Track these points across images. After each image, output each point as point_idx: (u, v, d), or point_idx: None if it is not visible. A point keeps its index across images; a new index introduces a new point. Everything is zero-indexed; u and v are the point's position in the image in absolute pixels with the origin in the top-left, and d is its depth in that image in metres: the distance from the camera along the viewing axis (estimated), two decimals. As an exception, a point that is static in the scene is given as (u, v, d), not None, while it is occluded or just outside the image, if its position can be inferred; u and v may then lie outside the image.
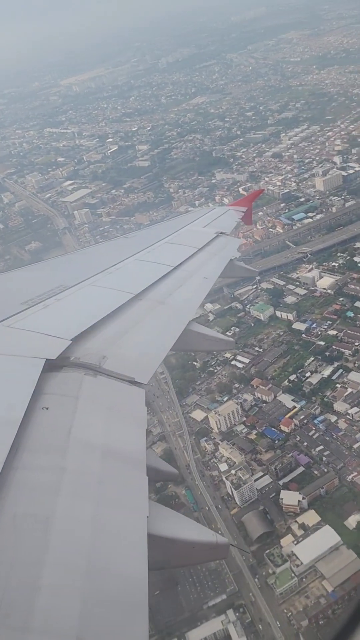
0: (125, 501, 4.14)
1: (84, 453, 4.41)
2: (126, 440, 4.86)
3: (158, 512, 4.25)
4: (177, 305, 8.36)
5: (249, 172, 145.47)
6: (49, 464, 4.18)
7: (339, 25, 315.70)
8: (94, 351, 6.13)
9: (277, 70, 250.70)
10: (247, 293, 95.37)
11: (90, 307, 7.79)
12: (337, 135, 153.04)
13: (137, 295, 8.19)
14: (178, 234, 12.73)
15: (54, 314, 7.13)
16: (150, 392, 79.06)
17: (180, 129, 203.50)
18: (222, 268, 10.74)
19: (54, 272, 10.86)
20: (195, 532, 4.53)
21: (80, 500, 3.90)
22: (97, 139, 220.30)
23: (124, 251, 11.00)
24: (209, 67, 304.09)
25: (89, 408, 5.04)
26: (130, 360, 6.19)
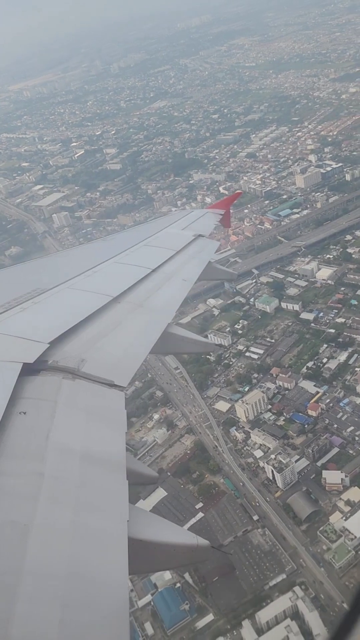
0: (105, 506, 4.11)
1: (63, 458, 4.38)
2: (106, 443, 4.83)
3: (138, 515, 4.25)
4: (156, 307, 8.33)
5: (226, 172, 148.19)
6: (27, 470, 4.14)
7: (287, 31, 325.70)
8: (72, 354, 6.08)
9: (234, 75, 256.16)
10: (247, 287, 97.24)
11: (68, 310, 7.74)
12: (307, 136, 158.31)
13: (115, 298, 8.13)
14: (156, 237, 12.67)
15: (31, 317, 7.10)
16: (170, 387, 79.58)
17: (147, 132, 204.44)
18: (200, 270, 10.80)
19: (31, 275, 10.71)
20: (176, 535, 4.50)
21: (59, 505, 3.87)
22: (59, 143, 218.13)
23: (102, 254, 11.02)
24: (164, 72, 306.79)
25: (68, 412, 5.00)
26: (109, 363, 6.17)
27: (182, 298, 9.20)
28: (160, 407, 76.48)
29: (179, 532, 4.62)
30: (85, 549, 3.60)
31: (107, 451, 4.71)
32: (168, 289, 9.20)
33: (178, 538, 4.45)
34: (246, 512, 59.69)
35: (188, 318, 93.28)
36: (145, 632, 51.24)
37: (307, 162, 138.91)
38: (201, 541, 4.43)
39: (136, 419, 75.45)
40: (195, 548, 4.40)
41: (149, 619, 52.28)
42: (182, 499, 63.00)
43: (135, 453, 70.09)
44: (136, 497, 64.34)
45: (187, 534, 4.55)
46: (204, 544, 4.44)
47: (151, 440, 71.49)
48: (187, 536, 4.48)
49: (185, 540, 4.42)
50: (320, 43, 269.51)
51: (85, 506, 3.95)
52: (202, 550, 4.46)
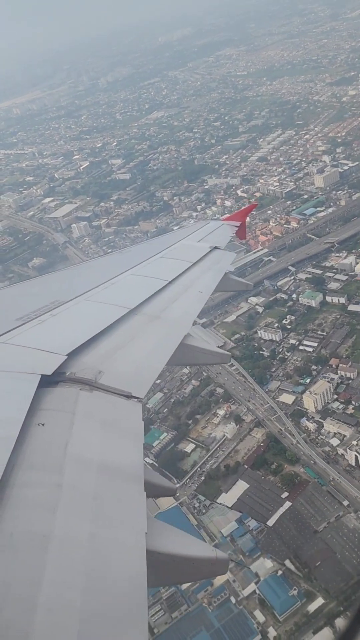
0: (123, 517, 4.12)
1: (81, 469, 4.41)
2: (123, 455, 4.86)
3: (157, 528, 4.26)
4: (173, 319, 8.38)
5: (240, 176, 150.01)
6: (45, 481, 4.19)
7: (273, 40, 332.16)
8: (89, 366, 6.16)
9: (228, 84, 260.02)
10: (287, 284, 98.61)
11: (85, 322, 7.84)
12: (316, 138, 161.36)
13: (132, 310, 8.22)
14: (172, 249, 12.82)
15: (49, 330, 7.22)
16: (228, 384, 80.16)
17: (149, 142, 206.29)
18: (217, 282, 10.90)
19: (49, 287, 10.94)
20: (195, 548, 4.47)
21: (78, 517, 3.90)
22: (61, 157, 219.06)
23: (119, 266, 11.13)
24: (154, 84, 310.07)
25: (86, 423, 5.05)
26: (126, 375, 6.23)
27: (198, 310, 9.19)
28: (222, 403, 76.96)
29: (198, 545, 4.55)
30: (104, 561, 3.60)
31: (124, 463, 4.73)
32: (185, 301, 9.21)
33: (197, 551, 4.40)
34: (335, 499, 60.34)
35: (233, 317, 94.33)
36: (256, 620, 51.44)
37: (322, 163, 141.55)
38: (220, 554, 4.40)
39: (200, 417, 75.94)
40: (214, 561, 4.36)
41: (257, 607, 52.46)
42: (266, 490, 63.45)
43: (207, 449, 70.56)
44: (217, 490, 64.89)
45: (205, 547, 4.57)
46: (222, 557, 4.40)
47: (220, 436, 71.91)
48: (206, 549, 4.47)
49: (204, 554, 4.38)
50: (309, 50, 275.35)
51: (103, 518, 3.97)
52: (220, 564, 4.39)
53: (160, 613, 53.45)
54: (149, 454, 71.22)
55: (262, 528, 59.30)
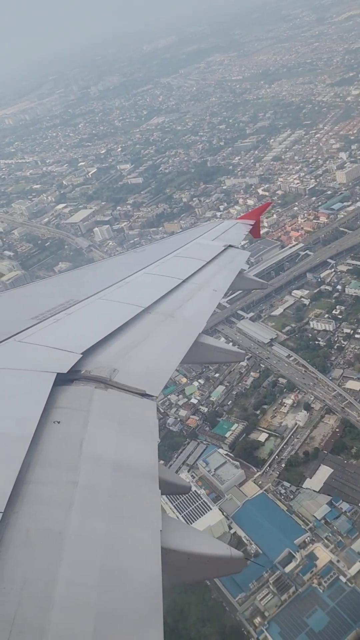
0: (138, 515, 4.15)
1: (96, 467, 4.47)
2: (138, 453, 4.90)
3: (171, 526, 4.30)
4: (187, 317, 8.44)
5: (258, 176, 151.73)
6: (61, 479, 4.25)
7: (262, 45, 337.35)
8: (104, 364, 6.24)
9: (225, 88, 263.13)
10: (329, 276, 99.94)
11: (100, 320, 7.93)
12: (328, 136, 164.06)
13: (146, 309, 8.29)
14: (187, 248, 12.91)
15: (64, 328, 7.32)
16: (289, 374, 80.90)
17: (155, 146, 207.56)
18: (231, 280, 10.98)
19: (64, 286, 11.08)
20: (210, 546, 4.50)
21: (93, 514, 3.95)
22: (66, 164, 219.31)
23: (133, 265, 11.25)
24: (148, 91, 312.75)
25: (100, 421, 5.12)
26: (140, 373, 6.29)
27: (212, 308, 9.29)
28: (287, 392, 77.67)
29: (213, 543, 4.57)
30: (119, 558, 3.65)
31: (139, 461, 4.77)
32: (199, 299, 9.27)
33: (212, 549, 4.43)
34: None
35: (280, 310, 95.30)
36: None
37: (340, 160, 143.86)
38: (235, 552, 4.42)
39: (267, 407, 76.47)
40: (229, 559, 4.39)
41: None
42: (352, 473, 64.19)
43: (282, 437, 71.11)
44: (301, 476, 65.43)
45: (220, 545, 4.55)
46: (237, 555, 4.42)
47: (292, 424, 72.53)
48: (221, 547, 4.48)
49: (219, 552, 4.41)
50: (302, 54, 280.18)
51: (118, 515, 4.02)
52: (235, 562, 4.43)
53: (270, 596, 53.69)
54: (222, 444, 71.72)
55: (355, 509, 59.95)
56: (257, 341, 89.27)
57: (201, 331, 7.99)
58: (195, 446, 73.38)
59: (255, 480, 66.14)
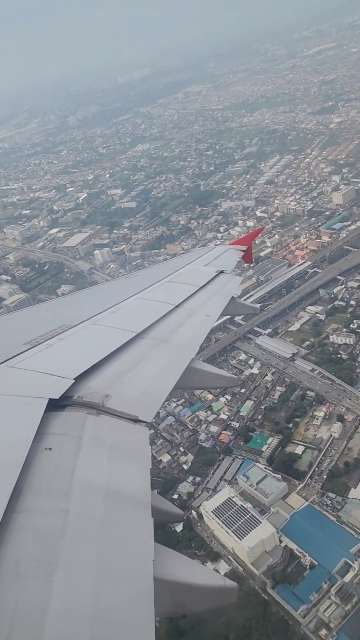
0: (131, 544, 4.06)
1: (88, 495, 4.39)
2: (131, 480, 4.81)
3: (164, 555, 4.20)
4: (180, 343, 8.47)
5: (254, 198, 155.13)
6: (52, 507, 4.19)
7: (238, 77, 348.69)
8: (97, 390, 6.22)
9: (206, 117, 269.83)
10: (340, 292, 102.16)
11: (93, 346, 7.92)
12: (317, 161, 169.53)
13: (139, 334, 8.32)
14: (179, 273, 13.03)
15: (56, 354, 7.31)
16: (316, 387, 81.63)
17: (144, 172, 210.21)
18: (223, 305, 11.06)
19: (57, 312, 11.09)
20: (204, 576, 4.44)
21: (85, 544, 3.89)
22: (53, 190, 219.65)
23: (126, 290, 11.37)
24: (129, 120, 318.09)
25: (93, 448, 5.06)
26: (133, 399, 6.26)
27: (205, 333, 9.31)
28: (317, 405, 78.28)
29: (206, 573, 4.54)
30: (110, 589, 3.57)
31: (132, 488, 4.68)
32: (191, 325, 9.35)
33: (205, 579, 4.37)
34: None
35: (297, 325, 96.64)
36: None
37: (333, 182, 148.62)
38: (229, 583, 4.33)
39: (299, 420, 76.80)
40: (223, 590, 4.30)
41: None
42: None
43: (319, 449, 71.33)
44: (345, 486, 65.57)
45: (214, 575, 4.47)
46: (231, 585, 4.32)
47: (327, 436, 72.94)
48: (215, 577, 4.40)
49: (212, 582, 4.34)
50: (278, 85, 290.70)
51: (110, 545, 3.94)
52: (229, 592, 4.33)
53: (333, 607, 53.10)
54: (259, 459, 71.48)
55: None
56: (278, 356, 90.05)
57: (194, 356, 8.05)
58: (231, 461, 72.87)
59: (298, 492, 65.94)
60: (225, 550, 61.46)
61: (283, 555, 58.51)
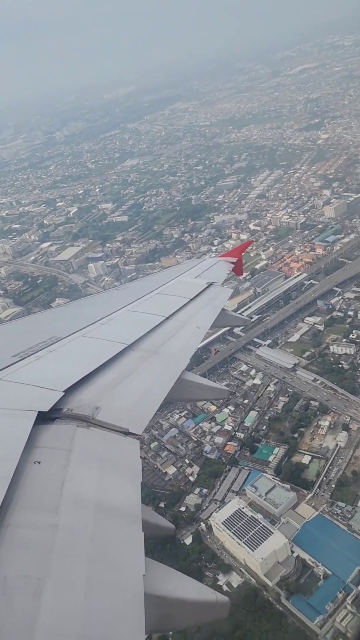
0: (121, 559, 3.97)
1: (77, 509, 4.32)
2: (121, 494, 4.78)
3: (155, 570, 4.16)
4: (170, 354, 8.47)
5: (246, 212, 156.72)
6: (41, 522, 4.10)
7: (223, 95, 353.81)
8: (87, 402, 6.17)
9: (194, 133, 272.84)
10: (338, 303, 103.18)
11: (83, 358, 7.84)
12: (307, 176, 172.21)
13: (130, 346, 8.31)
14: (170, 285, 13.08)
15: (46, 366, 7.26)
16: (319, 397, 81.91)
17: (134, 187, 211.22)
18: (214, 317, 11.10)
19: (46, 324, 11.03)
20: (195, 591, 4.34)
21: (74, 559, 3.80)
22: (43, 204, 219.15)
23: (116, 302, 11.32)
24: (116, 135, 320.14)
25: (83, 461, 5.02)
26: (124, 411, 6.21)
27: (196, 345, 9.33)
28: (321, 415, 78.50)
29: (197, 588, 4.42)
30: (100, 605, 3.50)
31: (122, 502, 4.65)
32: (182, 336, 9.38)
33: (196, 594, 4.31)
34: None
35: (296, 336, 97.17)
36: None
37: (324, 196, 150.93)
38: (220, 597, 4.30)
39: (304, 429, 76.89)
40: (214, 605, 4.27)
41: None
42: None
43: (325, 458, 71.37)
44: (354, 495, 65.59)
45: (205, 590, 4.40)
46: (222, 600, 4.30)
47: (334, 445, 73.08)
48: (206, 592, 4.35)
49: (203, 597, 4.30)
50: (264, 102, 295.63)
51: (100, 560, 3.88)
52: (221, 607, 4.30)
53: (350, 616, 52.70)
54: (266, 469, 71.23)
55: None
56: (279, 367, 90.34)
57: (184, 368, 8.06)
58: (237, 472, 72.50)
59: (307, 502, 65.74)
60: (236, 562, 60.80)
61: (296, 566, 58.13)
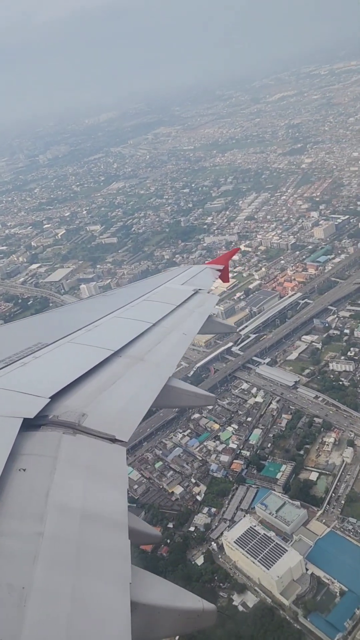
0: (107, 567, 3.94)
1: (63, 517, 4.28)
2: (107, 502, 4.72)
3: (141, 578, 4.12)
4: (157, 361, 8.47)
5: (236, 233, 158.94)
6: (26, 530, 4.06)
7: (205, 120, 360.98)
8: (73, 409, 6.13)
9: (179, 157, 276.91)
10: (334, 322, 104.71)
11: (69, 364, 7.84)
12: (294, 198, 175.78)
13: (116, 352, 8.29)
14: (156, 292, 13.08)
15: (32, 372, 7.20)
16: (321, 414, 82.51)
17: (122, 209, 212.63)
18: (201, 324, 11.12)
19: (32, 330, 10.97)
20: (181, 599, 4.29)
21: (59, 567, 3.76)
22: (29, 226, 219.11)
23: (102, 309, 11.30)
24: (100, 159, 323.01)
25: (68, 469, 4.95)
26: (110, 418, 6.18)
27: (182, 352, 9.36)
28: (325, 431, 79.01)
29: (184, 596, 4.39)
30: (85, 614, 3.47)
31: (108, 510, 4.62)
32: (169, 343, 9.41)
33: (183, 602, 4.29)
34: None
35: (295, 354, 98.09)
36: None
37: (312, 218, 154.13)
38: (207, 605, 4.31)
39: (309, 446, 77.22)
40: (201, 612, 4.27)
41: None
42: None
43: (333, 475, 71.65)
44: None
45: (192, 598, 4.38)
46: (209, 608, 4.31)
47: (340, 462, 73.49)
48: (193, 600, 4.33)
49: (190, 605, 4.27)
50: (246, 127, 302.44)
51: (85, 568, 3.84)
52: (207, 615, 4.30)
53: (371, 633, 52.56)
54: (274, 486, 71.11)
55: None
56: (280, 384, 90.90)
57: (171, 375, 8.10)
58: (245, 491, 72.20)
59: (318, 518, 65.72)
60: (250, 582, 60.24)
61: (311, 583, 57.87)
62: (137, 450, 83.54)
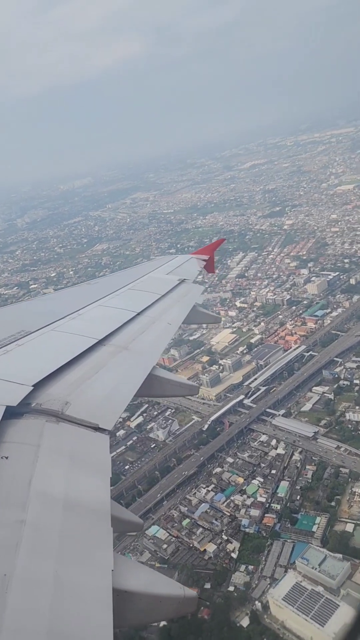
0: (89, 555, 3.98)
1: (45, 505, 4.30)
2: (90, 490, 4.75)
3: (123, 565, 4.16)
4: (141, 350, 8.45)
5: (229, 291, 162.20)
6: (7, 518, 4.06)
7: (181, 186, 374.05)
8: (56, 397, 6.12)
9: (160, 220, 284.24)
10: (341, 372, 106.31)
11: (52, 352, 7.80)
12: (281, 257, 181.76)
13: (100, 341, 8.26)
14: (141, 281, 13.13)
15: (14, 360, 7.16)
16: (347, 463, 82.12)
17: (109, 269, 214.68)
18: (185, 314, 11.13)
19: (15, 317, 10.75)
20: (163, 586, 4.39)
21: (41, 555, 3.79)
22: (15, 287, 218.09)
23: (87, 297, 11.27)
24: (80, 222, 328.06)
25: (51, 457, 4.96)
26: (93, 406, 6.17)
27: (167, 341, 9.42)
28: (353, 481, 78.39)
29: (166, 583, 4.46)
30: (68, 601, 3.50)
31: (91, 497, 4.63)
32: (153, 332, 9.43)
33: (165, 589, 4.35)
34: None
35: (309, 405, 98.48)
36: None
37: (303, 275, 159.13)
38: (188, 592, 4.37)
39: (340, 497, 76.14)
40: (182, 599, 4.32)
41: None
42: None
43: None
44: None
45: (173, 585, 4.46)
46: (190, 594, 4.37)
47: (375, 511, 72.67)
48: (174, 587, 4.40)
49: (172, 591, 4.33)
50: (223, 193, 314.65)
51: (68, 556, 3.88)
52: (189, 602, 4.35)
53: None
54: (311, 540, 69.41)
55: None
56: (299, 435, 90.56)
57: (155, 364, 8.16)
58: (281, 546, 70.25)
59: (361, 571, 64.13)
60: (302, 641, 57.56)
61: (368, 640, 55.45)
62: (160, 508, 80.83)
